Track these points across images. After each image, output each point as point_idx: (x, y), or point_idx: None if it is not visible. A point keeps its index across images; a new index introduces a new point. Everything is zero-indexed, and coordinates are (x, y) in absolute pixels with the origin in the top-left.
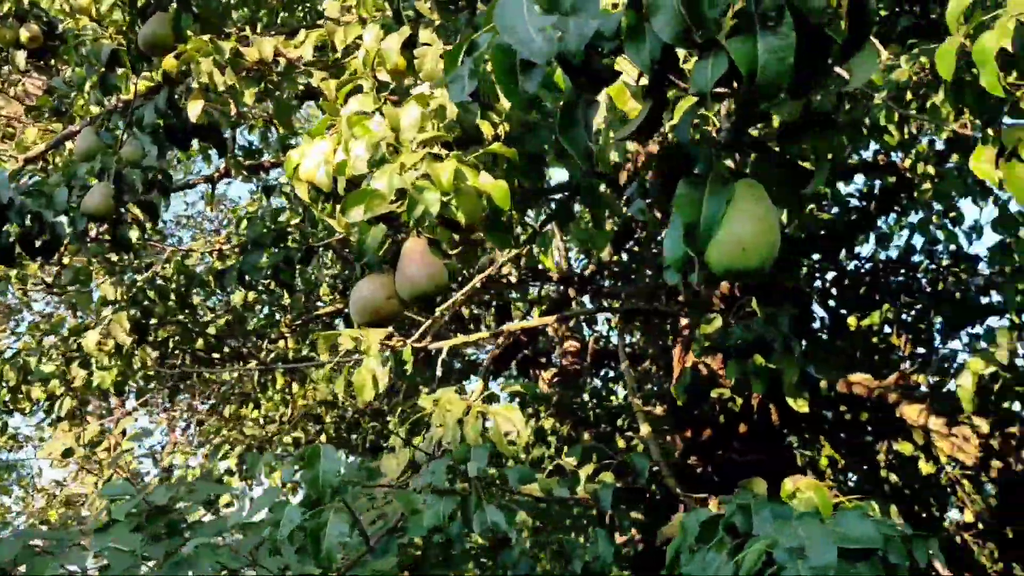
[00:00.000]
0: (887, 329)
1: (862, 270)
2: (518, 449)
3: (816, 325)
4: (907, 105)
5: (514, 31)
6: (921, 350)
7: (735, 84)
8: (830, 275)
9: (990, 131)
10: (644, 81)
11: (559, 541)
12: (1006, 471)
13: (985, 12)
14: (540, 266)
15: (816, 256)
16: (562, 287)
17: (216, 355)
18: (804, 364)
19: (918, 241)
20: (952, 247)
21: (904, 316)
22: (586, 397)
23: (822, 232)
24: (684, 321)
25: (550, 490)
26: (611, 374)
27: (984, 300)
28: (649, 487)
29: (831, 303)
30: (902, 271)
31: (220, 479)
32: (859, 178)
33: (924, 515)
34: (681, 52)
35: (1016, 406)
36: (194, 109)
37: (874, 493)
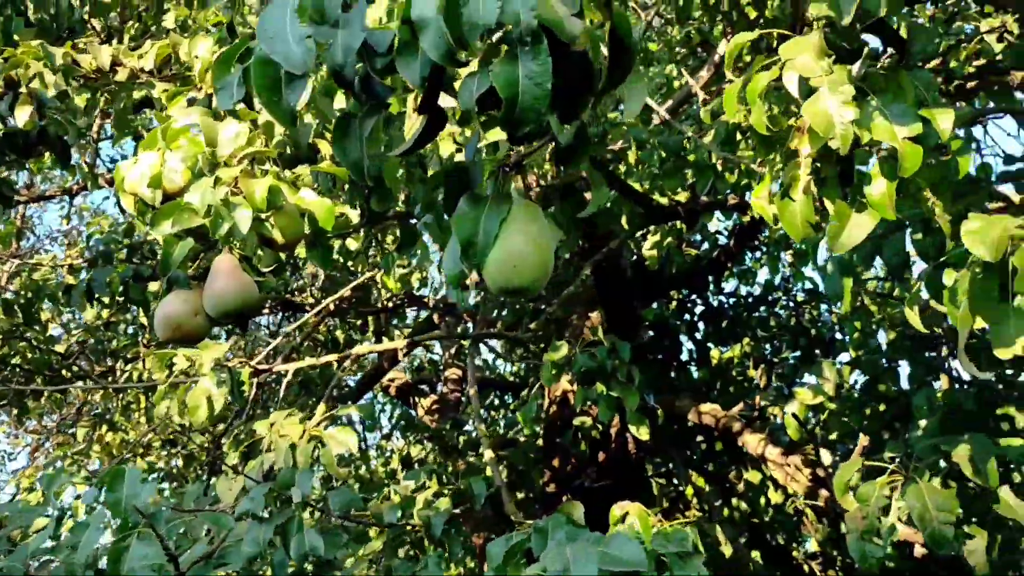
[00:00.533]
0: (747, 362)
1: (726, 305)
2: (348, 474)
3: (684, 357)
4: (736, 146)
5: (274, 41)
6: (776, 383)
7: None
8: (699, 309)
9: (766, 168)
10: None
11: (387, 567)
12: (835, 500)
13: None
14: (418, 291)
15: (685, 290)
16: (431, 312)
17: (67, 374)
18: (645, 393)
19: (778, 279)
20: (808, 284)
21: (765, 349)
22: (468, 425)
23: (693, 267)
24: None
25: (380, 515)
26: (496, 402)
27: (839, 336)
28: (494, 512)
29: (698, 335)
30: (762, 307)
31: (62, 505)
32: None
33: (774, 544)
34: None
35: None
36: (22, 115)
37: (729, 522)
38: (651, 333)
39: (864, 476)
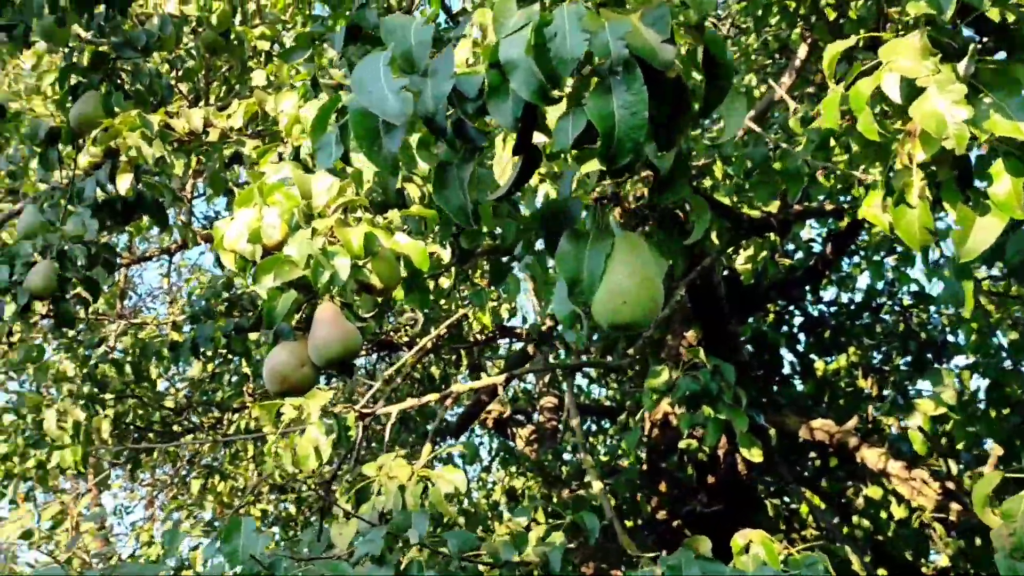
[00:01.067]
0: (855, 372)
1: (827, 314)
2: (455, 513)
3: (786, 370)
4: (831, 152)
5: (370, 93)
6: (888, 392)
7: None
8: (798, 320)
9: (878, 176)
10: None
11: None
12: (967, 513)
13: (863, 62)
14: (508, 322)
15: (782, 302)
16: (525, 343)
17: (176, 428)
18: (754, 413)
19: (881, 283)
20: (913, 287)
21: (872, 358)
22: (567, 455)
23: (786, 278)
24: None
25: (497, 554)
26: (594, 428)
27: (951, 338)
28: (605, 545)
29: (799, 348)
30: (865, 313)
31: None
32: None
33: (900, 561)
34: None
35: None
36: (123, 183)
37: (849, 540)
38: (749, 348)
39: (1004, 489)
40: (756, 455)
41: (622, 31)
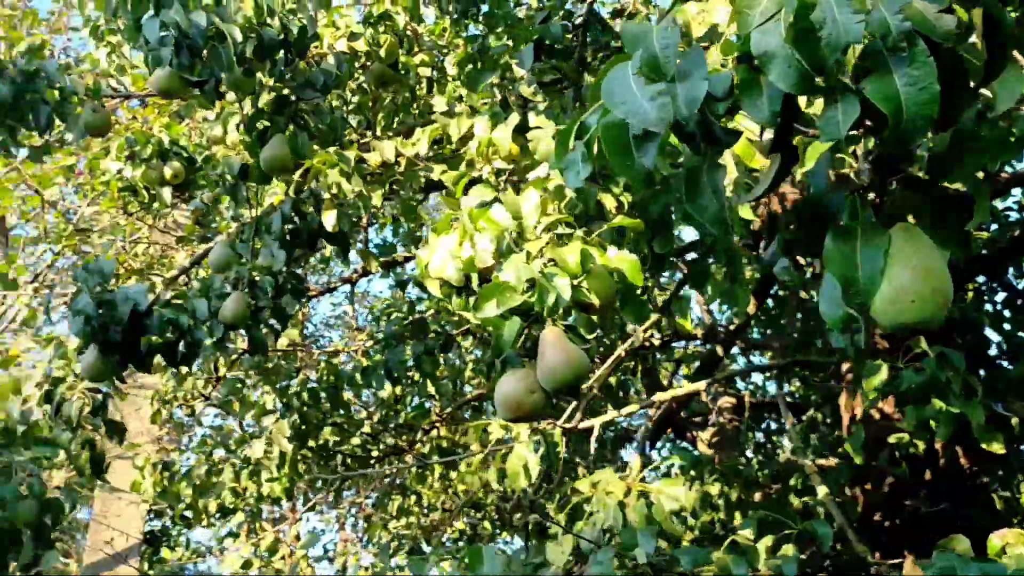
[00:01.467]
0: None
1: None
2: (683, 529)
3: (993, 352)
4: None
5: (624, 104)
6: None
7: (868, 123)
8: (1000, 296)
9: None
10: (768, 135)
11: None
12: None
13: None
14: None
15: (981, 278)
16: (708, 344)
17: (373, 450)
18: (991, 402)
19: None
20: None
21: None
22: (750, 455)
23: (984, 252)
24: (847, 364)
25: (728, 569)
26: (773, 427)
27: None
28: (837, 555)
29: (1006, 326)
30: None
31: None
32: (1016, 192)
33: None
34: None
35: None
36: (329, 218)
37: None
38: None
39: None
40: (998, 447)
41: (898, 4)
